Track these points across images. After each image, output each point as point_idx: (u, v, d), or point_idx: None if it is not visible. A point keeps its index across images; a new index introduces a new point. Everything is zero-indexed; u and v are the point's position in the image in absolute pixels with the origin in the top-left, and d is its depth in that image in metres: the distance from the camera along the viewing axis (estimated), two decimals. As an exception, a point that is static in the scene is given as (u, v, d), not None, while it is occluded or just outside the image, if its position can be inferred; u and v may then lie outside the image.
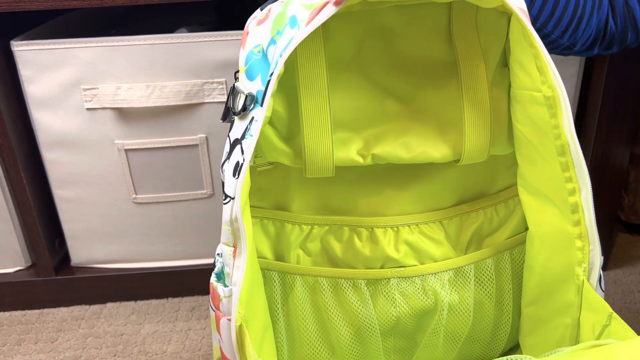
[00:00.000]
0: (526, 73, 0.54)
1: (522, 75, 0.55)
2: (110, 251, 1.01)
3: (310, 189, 0.64)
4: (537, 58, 0.51)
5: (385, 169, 0.64)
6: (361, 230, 0.65)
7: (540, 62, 0.51)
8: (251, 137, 0.49)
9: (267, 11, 0.53)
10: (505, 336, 0.69)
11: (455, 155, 0.61)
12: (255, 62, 0.53)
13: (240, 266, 0.50)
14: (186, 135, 0.92)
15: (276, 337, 0.66)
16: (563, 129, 0.51)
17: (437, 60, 0.59)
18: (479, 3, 0.53)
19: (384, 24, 0.58)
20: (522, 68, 0.54)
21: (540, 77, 0.51)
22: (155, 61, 0.86)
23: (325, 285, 0.65)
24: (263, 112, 0.48)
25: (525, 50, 0.53)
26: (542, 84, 0.51)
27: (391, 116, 0.60)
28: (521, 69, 0.55)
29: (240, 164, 0.49)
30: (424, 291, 0.65)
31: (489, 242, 0.67)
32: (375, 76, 0.59)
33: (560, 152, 0.52)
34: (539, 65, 0.51)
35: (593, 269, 0.54)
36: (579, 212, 0.53)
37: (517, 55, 0.55)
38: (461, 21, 0.58)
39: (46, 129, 0.90)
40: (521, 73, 0.55)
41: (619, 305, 0.96)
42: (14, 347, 0.92)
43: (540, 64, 0.51)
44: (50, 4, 0.82)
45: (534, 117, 0.54)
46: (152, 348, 0.91)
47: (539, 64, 0.51)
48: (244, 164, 0.48)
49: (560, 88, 0.50)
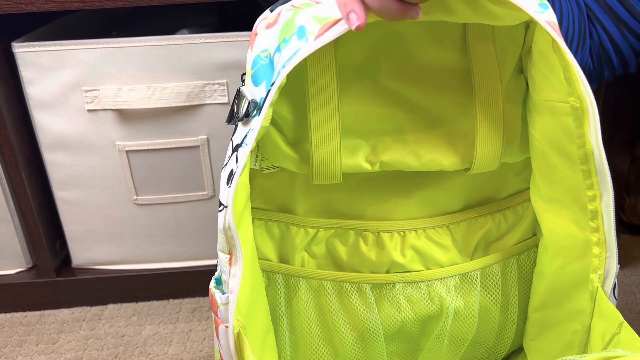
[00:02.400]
0: (550, 84, 0.53)
1: (545, 86, 0.54)
2: (111, 252, 1.01)
3: (316, 193, 0.64)
4: (567, 69, 0.50)
5: (393, 174, 0.63)
6: (367, 234, 0.64)
7: (570, 73, 0.49)
8: (246, 146, 0.48)
9: (277, 15, 0.52)
10: (510, 340, 0.69)
11: (465, 164, 0.60)
12: (261, 67, 0.52)
13: (237, 274, 0.50)
14: (187, 136, 0.92)
15: (279, 339, 0.66)
16: (588, 138, 0.50)
17: (449, 68, 0.58)
18: (497, 23, 0.52)
19: (396, 30, 0.57)
20: (546, 79, 0.53)
21: (568, 88, 0.50)
22: (156, 62, 0.86)
23: (329, 288, 0.65)
24: (260, 121, 0.48)
25: (551, 62, 0.52)
26: (570, 95, 0.50)
27: (401, 123, 0.59)
28: (544, 79, 0.53)
29: (233, 172, 0.49)
30: (430, 296, 0.65)
31: (496, 247, 0.66)
32: (385, 83, 0.58)
33: (583, 160, 0.51)
34: (568, 76, 0.50)
35: (608, 276, 0.53)
36: (598, 219, 0.52)
37: (540, 66, 0.54)
38: (477, 29, 0.57)
39: (47, 130, 0.90)
40: (544, 84, 0.54)
41: (621, 306, 0.96)
42: (15, 349, 0.92)
43: (570, 75, 0.50)
44: (52, 5, 0.82)
45: (555, 127, 0.53)
46: (153, 349, 0.91)
47: (568, 75, 0.50)
48: (236, 172, 0.48)
49: (590, 99, 0.49)
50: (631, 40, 0.68)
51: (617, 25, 0.67)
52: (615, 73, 0.71)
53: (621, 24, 0.67)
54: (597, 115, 0.50)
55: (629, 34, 0.67)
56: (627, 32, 0.67)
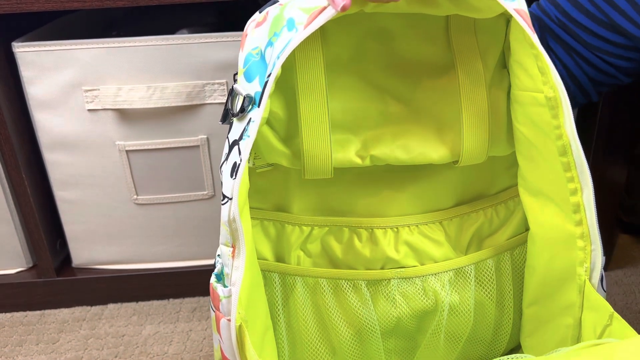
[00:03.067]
0: (527, 74, 0.54)
1: (522, 76, 0.55)
2: (111, 252, 1.01)
3: (310, 190, 0.64)
4: (538, 59, 0.51)
5: (385, 170, 0.64)
6: (361, 231, 0.65)
7: (541, 62, 0.51)
8: (248, 137, 0.49)
9: (265, 14, 0.54)
10: (507, 337, 0.69)
11: (454, 156, 0.61)
12: (253, 64, 0.53)
13: (239, 266, 0.50)
14: (187, 136, 0.92)
15: (277, 338, 0.66)
16: (565, 129, 0.51)
17: (435, 62, 0.59)
18: (477, 15, 0.53)
19: (382, 26, 0.58)
20: (523, 69, 0.54)
21: (542, 77, 0.51)
22: (156, 62, 0.87)
23: (325, 286, 0.65)
24: (260, 112, 0.49)
25: (526, 51, 0.53)
26: (544, 84, 0.52)
27: (389, 118, 0.60)
28: (522, 69, 0.55)
29: (237, 164, 0.49)
30: (425, 292, 0.65)
31: (489, 242, 0.67)
32: (373, 78, 0.59)
33: (562, 153, 0.52)
34: (540, 66, 0.51)
35: (595, 269, 0.54)
36: (580, 212, 0.53)
37: (517, 56, 0.55)
38: (459, 23, 0.58)
39: (47, 130, 0.90)
40: (522, 74, 0.55)
41: (620, 305, 0.96)
42: (15, 348, 0.92)
43: (542, 65, 0.51)
44: (52, 5, 0.82)
45: (534, 118, 0.54)
46: (154, 349, 0.91)
47: (540, 65, 0.51)
48: (241, 164, 0.49)
49: (562, 89, 0.50)
50: (584, 67, 0.64)
51: (567, 52, 0.64)
52: (577, 102, 0.68)
53: (571, 50, 0.64)
54: (570, 106, 0.51)
55: (581, 61, 0.64)
56: (578, 59, 0.64)
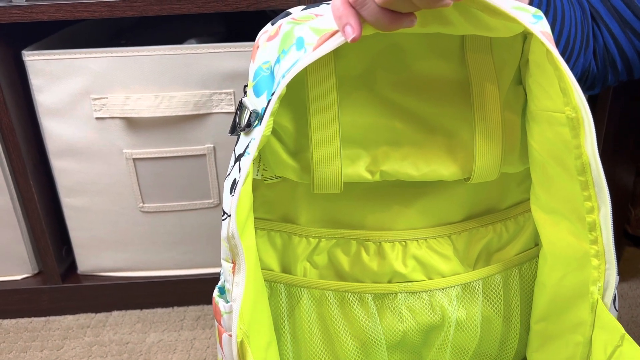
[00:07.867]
0: (546, 94, 0.53)
1: (541, 96, 0.54)
2: (116, 259, 1.01)
3: (317, 202, 0.64)
4: (561, 80, 0.50)
5: (394, 184, 0.63)
6: (369, 244, 0.65)
7: (565, 84, 0.50)
8: (248, 155, 0.49)
9: (278, 27, 0.53)
10: (513, 352, 0.68)
11: (465, 173, 0.60)
12: (262, 78, 0.53)
13: (240, 282, 0.50)
14: (194, 145, 0.92)
15: (282, 350, 0.66)
16: (585, 149, 0.50)
17: (448, 79, 0.59)
18: (494, 35, 0.52)
19: (396, 42, 0.57)
20: (542, 89, 0.53)
21: (564, 98, 0.51)
22: (164, 71, 0.87)
23: (332, 298, 0.65)
24: (261, 131, 0.48)
25: (547, 72, 0.52)
26: (565, 105, 0.51)
27: (401, 134, 0.59)
28: (541, 89, 0.54)
29: (236, 181, 0.49)
30: (432, 307, 0.65)
31: (497, 257, 0.66)
32: (385, 93, 0.59)
33: (580, 171, 0.51)
34: (563, 87, 0.50)
35: (608, 288, 0.53)
36: (596, 231, 0.52)
37: (537, 76, 0.54)
38: (475, 40, 0.57)
39: (55, 137, 0.91)
40: (541, 94, 0.54)
41: (626, 319, 0.96)
42: (19, 355, 0.93)
43: (565, 86, 0.50)
44: (62, 14, 0.83)
45: (553, 137, 0.53)
46: (157, 357, 0.91)
47: (563, 86, 0.50)
48: (239, 181, 0.48)
49: (585, 109, 0.49)
50: (637, 44, 0.65)
51: (622, 28, 0.65)
52: (619, 78, 0.69)
53: (627, 27, 0.65)
54: (593, 126, 0.50)
55: (634, 38, 0.65)
56: (632, 36, 0.65)
